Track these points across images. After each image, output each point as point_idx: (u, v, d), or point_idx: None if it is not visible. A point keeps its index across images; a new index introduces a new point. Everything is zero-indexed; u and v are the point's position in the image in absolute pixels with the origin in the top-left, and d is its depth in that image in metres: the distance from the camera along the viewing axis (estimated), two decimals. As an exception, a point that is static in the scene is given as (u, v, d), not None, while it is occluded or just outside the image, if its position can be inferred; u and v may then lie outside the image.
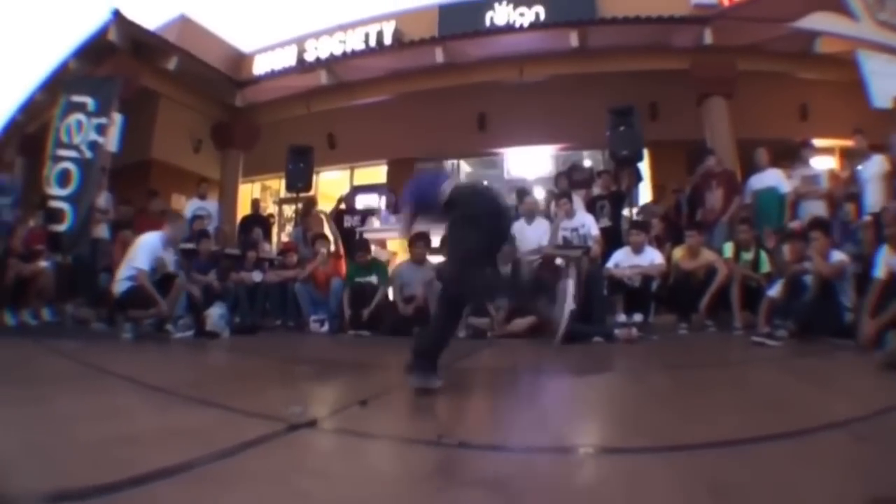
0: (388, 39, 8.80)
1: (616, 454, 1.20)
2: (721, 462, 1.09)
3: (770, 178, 5.42)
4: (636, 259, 4.61)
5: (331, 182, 10.05)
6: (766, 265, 4.53)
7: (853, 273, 3.80)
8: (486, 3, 8.55)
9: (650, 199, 7.02)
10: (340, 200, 6.85)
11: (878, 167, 4.92)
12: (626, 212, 6.07)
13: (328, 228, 6.34)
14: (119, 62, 6.99)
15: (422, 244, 4.89)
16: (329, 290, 5.22)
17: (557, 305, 2.26)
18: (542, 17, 8.20)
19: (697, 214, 5.63)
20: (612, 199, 5.90)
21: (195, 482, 0.96)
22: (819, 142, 6.96)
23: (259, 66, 9.69)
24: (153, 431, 1.34)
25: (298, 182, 7.49)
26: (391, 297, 5.06)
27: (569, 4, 7.99)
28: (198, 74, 8.05)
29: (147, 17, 9.26)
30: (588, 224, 4.99)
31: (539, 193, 6.45)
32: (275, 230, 8.68)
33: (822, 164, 6.35)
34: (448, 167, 2.61)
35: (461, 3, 8.87)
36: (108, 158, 5.82)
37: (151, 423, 1.45)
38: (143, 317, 4.11)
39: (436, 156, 8.91)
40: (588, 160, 8.75)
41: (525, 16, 8.35)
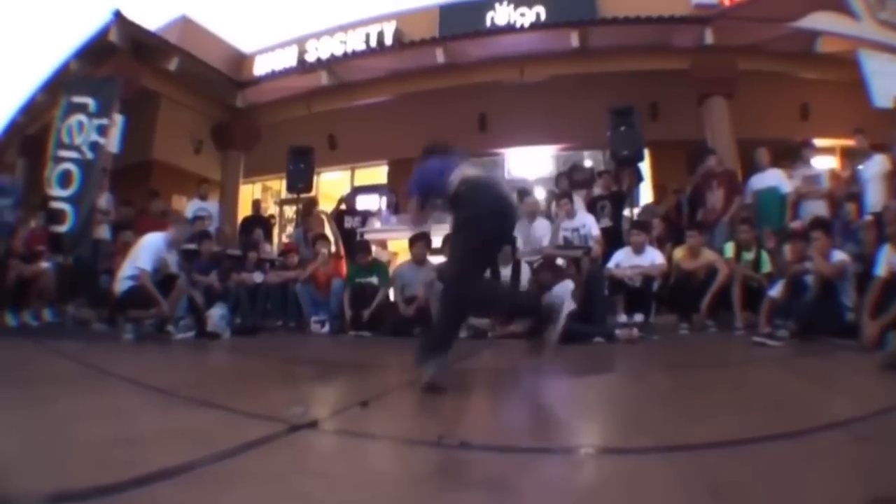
0: (389, 40, 8.81)
1: (617, 454, 1.20)
2: (722, 462, 1.09)
3: (771, 178, 5.41)
4: (637, 259, 4.61)
5: (332, 183, 10.06)
6: (767, 265, 4.52)
7: (854, 273, 3.80)
8: (487, 4, 8.56)
9: (651, 200, 7.02)
10: (341, 201, 6.85)
11: (880, 167, 4.92)
12: (627, 212, 6.06)
13: (329, 229, 6.35)
14: (120, 63, 7.01)
15: (422, 244, 4.88)
16: (330, 291, 5.22)
17: (552, 328, 2.25)
18: (543, 18, 8.20)
19: (698, 214, 5.62)
20: (613, 200, 5.90)
21: (196, 483, 0.97)
22: (820, 141, 6.94)
23: (260, 67, 9.70)
24: (154, 432, 1.34)
25: (299, 183, 7.49)
26: (392, 298, 5.06)
27: (569, 4, 7.99)
28: (198, 75, 8.06)
29: (148, 18, 9.31)
30: (589, 224, 4.99)
31: (540, 194, 6.45)
32: (276, 231, 8.69)
33: (823, 164, 6.35)
34: (459, 151, 2.58)
35: (462, 4, 8.87)
36: (109, 159, 5.83)
37: (152, 424, 1.45)
38: (144, 317, 4.12)
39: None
40: (589, 160, 8.75)
41: (526, 16, 8.35)
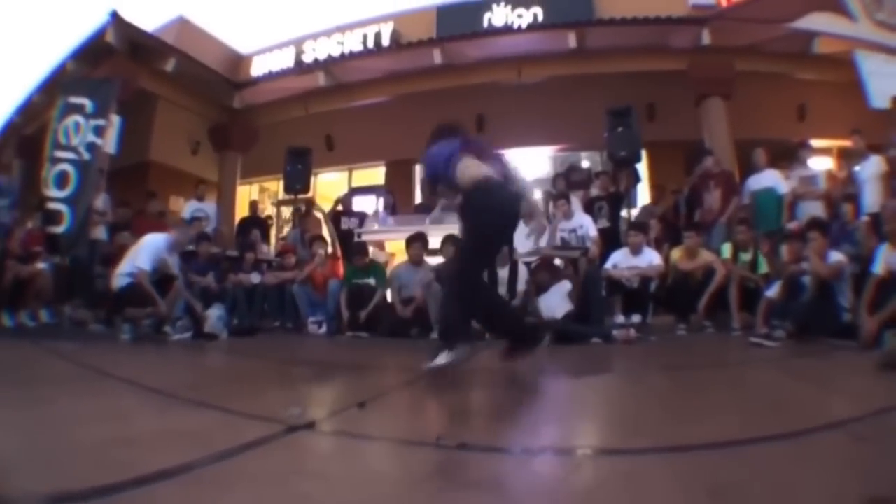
0: (387, 41, 8.80)
1: (615, 455, 1.20)
2: (720, 463, 1.09)
3: (768, 179, 5.44)
4: (634, 260, 4.61)
5: (329, 183, 10.05)
6: (765, 266, 4.54)
7: (851, 273, 3.82)
8: (484, 4, 8.56)
9: (649, 200, 7.03)
10: (338, 202, 6.84)
11: (876, 167, 4.94)
12: (625, 213, 6.07)
13: (326, 230, 6.33)
14: (117, 64, 7.00)
15: (419, 245, 4.88)
16: (327, 292, 5.21)
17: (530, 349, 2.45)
18: (540, 18, 8.21)
19: (695, 215, 5.64)
20: (611, 200, 5.92)
21: (194, 484, 0.96)
22: (817, 142, 6.99)
23: (257, 68, 9.68)
24: (152, 433, 1.34)
25: (297, 184, 7.48)
26: (389, 299, 5.05)
27: (567, 5, 8.01)
28: (196, 76, 8.05)
29: (145, 19, 9.28)
30: (586, 225, 5.00)
31: (537, 194, 6.45)
32: (273, 231, 8.68)
33: (821, 165, 6.37)
34: (467, 134, 2.61)
35: (459, 5, 8.88)
36: (106, 160, 5.82)
37: (150, 425, 1.45)
38: (141, 316, 4.11)
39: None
40: (586, 161, 8.77)
41: (523, 17, 8.35)
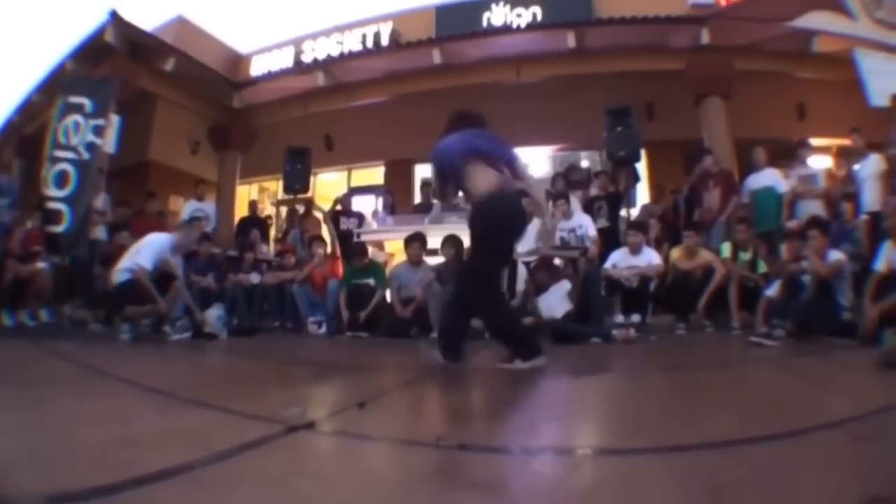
0: (386, 40, 8.80)
1: (615, 455, 1.20)
2: (719, 462, 1.09)
3: (767, 178, 5.44)
4: (634, 260, 4.62)
5: (328, 183, 10.05)
6: (764, 265, 4.54)
7: (851, 272, 3.82)
8: (483, 4, 8.56)
9: (648, 200, 7.03)
10: (337, 201, 6.84)
11: (876, 166, 4.94)
12: (624, 212, 6.08)
13: (325, 229, 6.33)
14: (116, 63, 6.99)
15: (417, 245, 4.87)
16: (326, 292, 5.21)
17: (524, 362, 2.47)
18: (539, 18, 8.20)
19: (695, 214, 5.65)
20: (610, 200, 5.92)
21: (194, 484, 0.96)
22: (816, 141, 6.99)
23: (256, 68, 9.67)
24: (152, 433, 1.34)
25: (296, 183, 7.48)
26: (388, 299, 5.05)
27: (566, 5, 8.00)
28: (195, 76, 8.04)
29: (144, 19, 9.27)
30: (585, 225, 5.00)
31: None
32: (272, 231, 8.67)
33: (820, 164, 6.37)
34: (482, 120, 2.63)
35: (458, 4, 8.87)
36: (106, 160, 5.82)
37: (150, 425, 1.44)
38: (140, 315, 4.10)
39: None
40: (585, 161, 8.76)
41: (522, 16, 8.35)
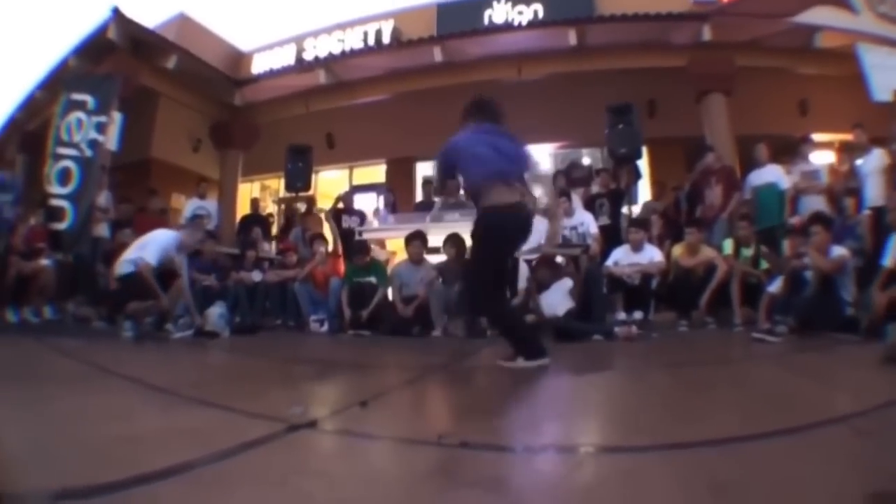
0: (387, 38, 8.78)
1: (617, 453, 1.20)
2: (721, 460, 1.09)
3: (769, 174, 5.41)
4: (635, 257, 4.61)
5: (330, 181, 10.04)
6: (765, 262, 4.53)
7: (854, 267, 3.81)
8: (485, 2, 8.53)
9: (650, 197, 7.02)
10: (339, 199, 6.83)
11: (879, 161, 4.91)
12: (626, 209, 6.06)
13: (327, 227, 6.32)
14: (118, 60, 6.99)
15: (418, 243, 4.84)
16: (328, 290, 5.21)
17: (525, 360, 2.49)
18: (541, 15, 8.17)
19: (697, 211, 5.63)
20: (611, 197, 5.90)
21: (197, 482, 0.97)
22: (819, 137, 6.95)
23: (258, 65, 9.67)
24: (155, 431, 1.34)
25: (298, 181, 7.47)
26: (390, 297, 5.04)
27: (567, 2, 7.97)
28: (197, 73, 8.03)
29: (146, 16, 9.26)
30: (587, 222, 4.99)
31: (537, 193, 6.43)
32: (274, 229, 8.68)
33: (823, 160, 6.35)
34: (496, 112, 2.71)
35: (459, 2, 8.84)
36: (108, 157, 5.82)
37: (153, 423, 1.45)
38: (143, 311, 4.09)
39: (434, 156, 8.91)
40: (587, 158, 8.72)
41: (523, 14, 8.32)
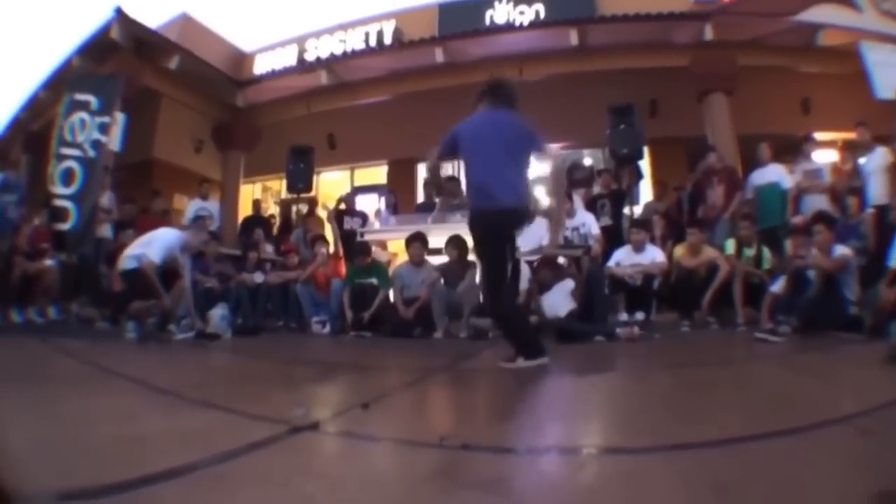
0: (389, 39, 8.77)
1: (619, 454, 1.20)
2: (724, 460, 1.09)
3: (772, 174, 5.40)
4: (637, 257, 4.60)
5: (331, 182, 10.05)
6: (769, 261, 4.52)
7: (858, 266, 3.80)
8: (486, 2, 8.51)
9: (651, 198, 7.00)
10: (340, 200, 6.82)
11: (882, 159, 4.89)
12: (627, 210, 6.05)
13: (329, 228, 6.32)
14: (121, 61, 6.99)
15: (418, 245, 4.82)
16: (330, 291, 5.21)
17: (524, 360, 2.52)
18: (542, 15, 8.16)
19: (699, 211, 5.62)
20: (613, 198, 5.90)
21: (200, 484, 0.97)
22: (822, 135, 6.92)
23: (260, 66, 9.66)
24: (158, 432, 1.35)
25: (299, 182, 7.47)
26: (392, 299, 5.04)
27: (568, 2, 7.95)
28: (199, 74, 8.04)
29: (149, 16, 9.27)
30: (588, 223, 4.98)
31: (539, 192, 6.43)
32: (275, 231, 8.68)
33: (826, 158, 6.33)
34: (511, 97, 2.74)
35: (461, 2, 8.83)
36: (111, 158, 5.83)
37: (156, 425, 1.46)
38: (145, 310, 4.09)
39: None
40: (588, 159, 8.72)
41: (525, 14, 8.30)
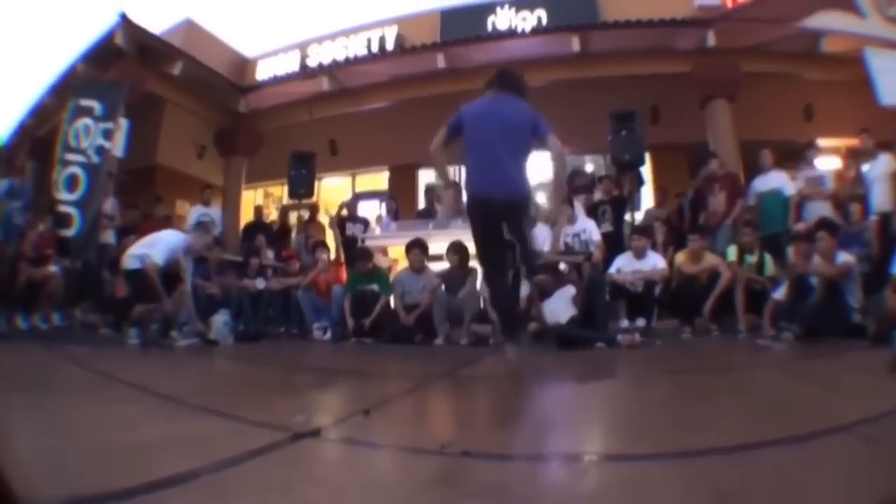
0: (391, 45, 8.82)
1: (620, 461, 1.20)
2: (726, 468, 1.09)
3: (774, 180, 5.39)
4: (638, 264, 4.60)
5: (333, 188, 10.07)
6: (771, 268, 4.51)
7: (860, 273, 3.79)
8: (489, 8, 8.57)
9: (653, 204, 7.00)
10: (342, 206, 6.83)
11: (886, 166, 4.89)
12: (628, 217, 6.05)
13: (331, 234, 6.34)
14: (125, 67, 7.04)
15: (418, 251, 4.82)
16: (331, 297, 5.21)
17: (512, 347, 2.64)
18: (544, 22, 8.20)
19: (700, 218, 5.61)
20: (614, 204, 5.90)
21: (202, 490, 0.98)
22: (825, 142, 6.92)
23: (262, 72, 9.74)
24: (161, 439, 1.35)
25: (301, 188, 7.49)
26: (392, 305, 5.03)
27: (571, 8, 8.00)
28: (202, 80, 8.09)
29: (153, 22, 9.32)
30: (589, 229, 4.98)
31: (540, 199, 6.44)
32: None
33: (828, 165, 6.32)
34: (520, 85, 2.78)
35: (463, 8, 8.89)
36: (115, 163, 5.86)
37: (159, 431, 1.46)
38: (147, 314, 4.10)
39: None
40: (589, 165, 8.74)
41: (527, 20, 8.34)
